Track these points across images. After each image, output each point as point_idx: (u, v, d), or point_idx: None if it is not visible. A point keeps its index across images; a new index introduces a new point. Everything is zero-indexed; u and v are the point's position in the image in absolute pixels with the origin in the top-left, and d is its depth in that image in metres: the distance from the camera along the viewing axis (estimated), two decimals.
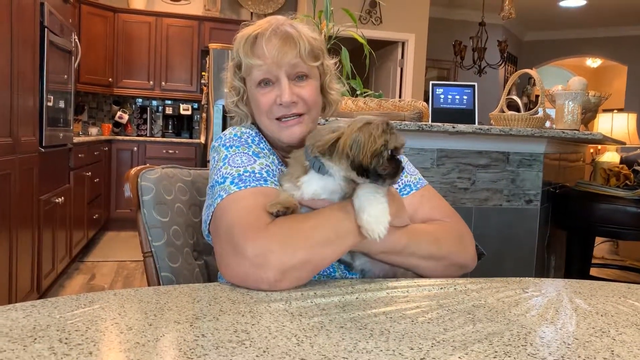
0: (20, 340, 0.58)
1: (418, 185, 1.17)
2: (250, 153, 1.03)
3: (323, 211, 0.92)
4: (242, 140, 1.06)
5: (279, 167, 1.08)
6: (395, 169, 0.90)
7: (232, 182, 0.96)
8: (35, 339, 0.59)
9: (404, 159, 1.22)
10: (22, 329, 0.61)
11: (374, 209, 0.88)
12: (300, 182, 0.94)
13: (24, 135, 2.72)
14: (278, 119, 1.06)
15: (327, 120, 1.49)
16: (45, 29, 3.06)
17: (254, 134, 1.09)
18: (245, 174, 0.97)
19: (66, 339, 0.59)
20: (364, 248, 0.95)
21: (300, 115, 1.06)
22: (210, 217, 1.00)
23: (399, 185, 1.15)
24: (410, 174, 1.19)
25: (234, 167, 0.99)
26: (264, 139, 1.11)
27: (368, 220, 0.87)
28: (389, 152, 0.89)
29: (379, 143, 0.88)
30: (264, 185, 0.96)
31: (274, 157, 1.09)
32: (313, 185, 0.94)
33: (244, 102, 1.13)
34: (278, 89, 1.04)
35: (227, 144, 1.05)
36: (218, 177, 0.99)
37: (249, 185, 0.95)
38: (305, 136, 1.04)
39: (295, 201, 0.93)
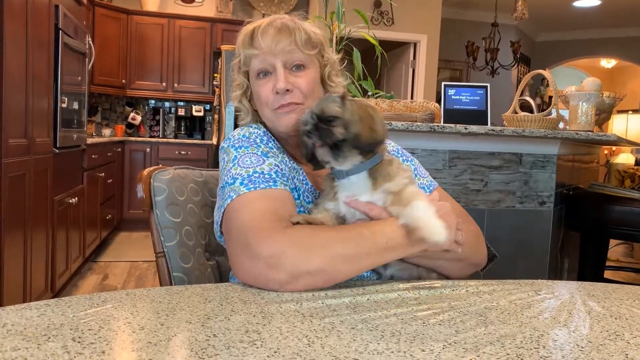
0: (35, 338, 0.59)
1: (431, 188, 1.17)
2: (259, 153, 1.03)
3: (348, 227, 0.93)
4: (251, 140, 1.06)
5: (289, 165, 1.08)
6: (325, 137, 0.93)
7: (241, 183, 0.96)
8: (49, 337, 0.59)
9: (415, 162, 1.21)
10: (36, 327, 0.62)
11: (429, 221, 0.87)
12: (334, 190, 0.96)
13: (38, 136, 2.75)
14: (276, 108, 1.07)
15: None
16: (60, 31, 3.09)
17: (262, 134, 1.09)
18: (254, 174, 0.97)
19: (79, 337, 0.60)
20: (403, 254, 0.94)
21: (296, 104, 1.07)
22: (221, 218, 1.00)
23: None
24: (422, 176, 1.20)
25: (244, 167, 0.99)
26: (273, 137, 1.11)
27: (428, 231, 0.87)
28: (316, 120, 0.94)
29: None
30: (273, 187, 0.97)
31: (283, 156, 1.09)
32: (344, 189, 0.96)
33: (247, 98, 1.15)
34: (275, 78, 1.06)
35: (236, 145, 1.05)
36: (228, 178, 0.99)
37: (259, 187, 0.95)
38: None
39: (324, 220, 0.94)
